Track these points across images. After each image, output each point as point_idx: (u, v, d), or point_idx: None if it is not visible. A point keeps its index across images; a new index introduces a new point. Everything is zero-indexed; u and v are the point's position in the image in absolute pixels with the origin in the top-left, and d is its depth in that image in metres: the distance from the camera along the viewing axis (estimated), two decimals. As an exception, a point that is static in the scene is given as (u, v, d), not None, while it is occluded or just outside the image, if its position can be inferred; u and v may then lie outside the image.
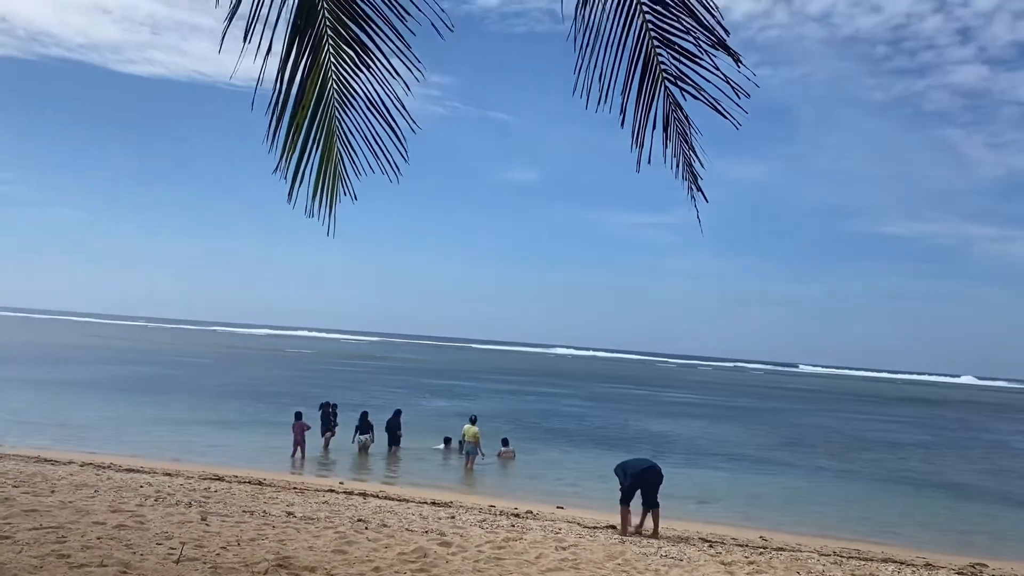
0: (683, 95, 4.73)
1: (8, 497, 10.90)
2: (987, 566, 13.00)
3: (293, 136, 4.51)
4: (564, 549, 10.65)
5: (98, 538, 8.75)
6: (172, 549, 8.48)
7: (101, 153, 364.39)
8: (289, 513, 11.77)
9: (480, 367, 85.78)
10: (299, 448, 21.54)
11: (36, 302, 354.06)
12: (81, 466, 15.70)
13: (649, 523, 13.31)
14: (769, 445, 31.65)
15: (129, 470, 15.83)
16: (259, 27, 4.19)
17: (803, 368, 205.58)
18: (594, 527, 13.34)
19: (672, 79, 4.72)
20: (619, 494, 13.38)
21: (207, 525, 10.11)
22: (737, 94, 4.40)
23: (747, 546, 12.78)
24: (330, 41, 4.53)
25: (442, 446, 24.07)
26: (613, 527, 13.33)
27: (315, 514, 11.89)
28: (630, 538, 12.54)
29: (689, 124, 4.88)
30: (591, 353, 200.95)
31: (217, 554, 8.48)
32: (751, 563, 10.90)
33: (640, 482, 13.31)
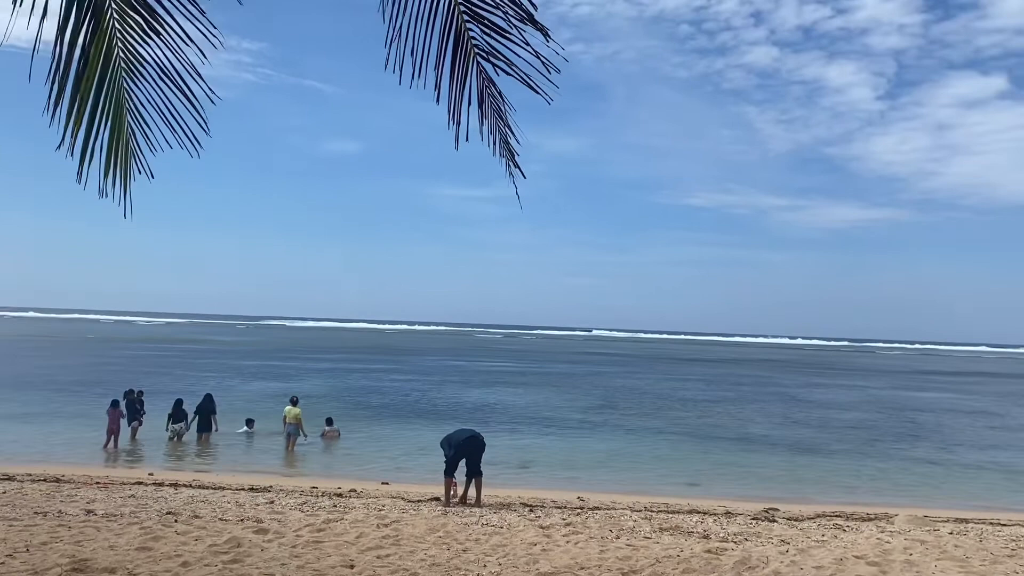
0: (495, 70, 4.72)
1: None
2: (778, 510, 14.23)
3: (78, 109, 4.10)
4: (386, 526, 10.60)
5: None
6: (-53, 562, 7.64)
7: None
8: (89, 511, 10.93)
9: (301, 346, 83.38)
10: (112, 437, 20.32)
11: None
12: None
13: (473, 492, 13.53)
14: (584, 408, 33.02)
15: None
16: None
17: (616, 333, 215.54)
18: (418, 501, 13.38)
19: (484, 54, 4.69)
20: (444, 466, 13.52)
21: (-9, 532, 9.19)
22: (548, 69, 4.45)
23: (565, 507, 13.28)
24: (114, 5, 4.13)
25: (245, 428, 23.13)
26: (437, 499, 13.43)
27: (119, 510, 11.12)
28: (453, 509, 12.68)
29: (503, 100, 4.89)
30: (417, 328, 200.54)
31: (1, 563, 7.72)
32: (568, 524, 11.33)
33: (464, 451, 13.48)
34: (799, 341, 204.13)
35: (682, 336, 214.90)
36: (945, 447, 25.62)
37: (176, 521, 10.40)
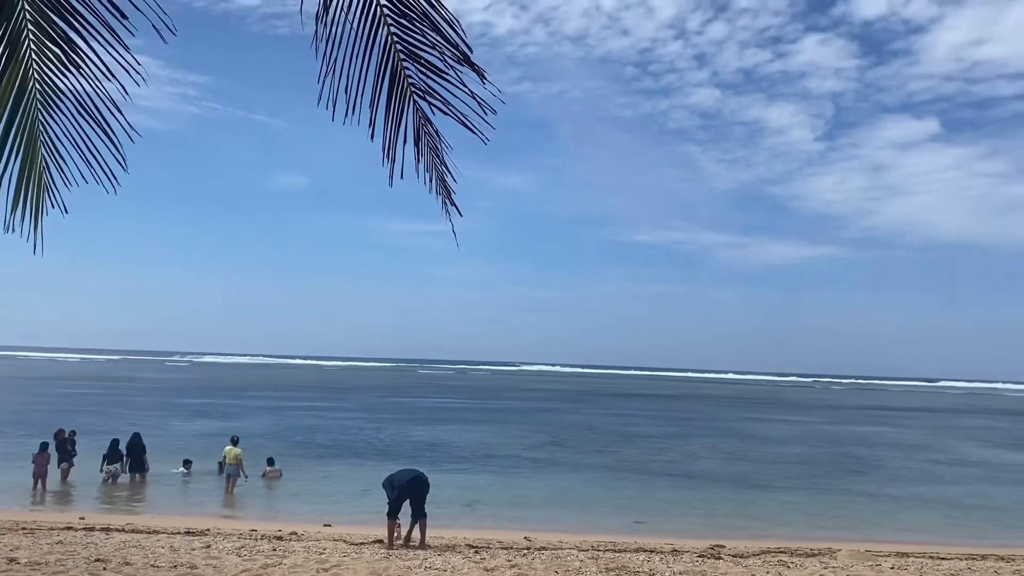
0: (432, 109, 4.72)
1: None
2: (724, 547, 14.27)
3: None
4: (326, 571, 10.33)
5: None
6: None
7: None
8: (11, 560, 10.43)
9: (240, 383, 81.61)
10: (40, 481, 19.59)
11: None
12: None
13: (417, 533, 13.28)
14: (531, 445, 32.87)
15: None
16: None
17: (563, 368, 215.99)
18: (361, 543, 13.07)
19: (420, 93, 4.69)
20: (387, 507, 13.25)
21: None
22: (484, 110, 4.46)
23: (511, 548, 13.11)
24: (31, 36, 4.03)
25: (182, 469, 22.48)
26: (381, 541, 13.15)
27: (44, 558, 10.63)
28: (396, 551, 12.42)
29: (440, 139, 4.87)
30: (359, 364, 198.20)
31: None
32: (513, 566, 11.18)
33: (407, 493, 13.24)
34: (746, 377, 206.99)
35: (630, 371, 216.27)
36: (885, 481, 26.10)
37: (104, 569, 9.99)
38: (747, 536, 16.42)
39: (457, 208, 5.10)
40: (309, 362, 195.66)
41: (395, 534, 13.16)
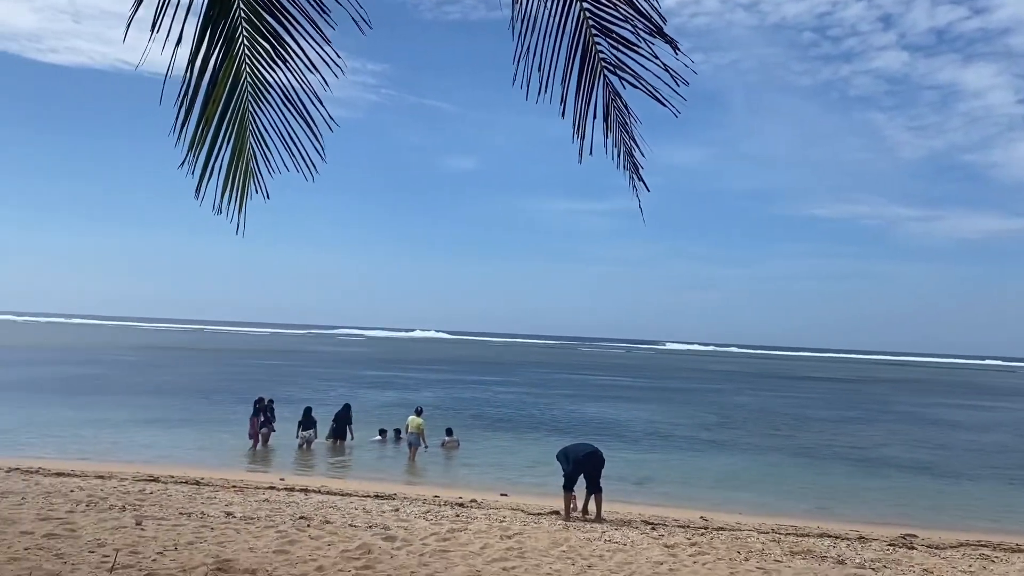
0: (622, 84, 4.72)
1: (-74, 509, 10.39)
2: (916, 536, 13.48)
3: (202, 130, 4.33)
4: (509, 538, 10.67)
5: (26, 549, 8.40)
6: (105, 557, 8.19)
7: (24, 147, 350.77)
8: (228, 514, 11.50)
9: (413, 357, 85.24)
10: (255, 442, 21.80)
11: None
12: (7, 472, 15.05)
13: (592, 506, 13.46)
14: (700, 425, 32.28)
15: (59, 474, 15.23)
16: (168, 16, 4.00)
17: (732, 348, 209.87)
18: (538, 514, 13.40)
19: (611, 68, 4.69)
20: (562, 480, 13.51)
21: (142, 530, 9.81)
22: (676, 82, 4.42)
23: (688, 527, 13.01)
24: (244, 32, 4.35)
25: (378, 438, 23.88)
26: (557, 513, 13.42)
27: (255, 513, 11.65)
28: (574, 523, 12.64)
29: (629, 113, 4.87)
30: (522, 341, 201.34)
31: (153, 560, 8.23)
32: (693, 544, 11.09)
33: (583, 467, 13.44)
34: (935, 360, 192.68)
35: (803, 352, 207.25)
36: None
37: (309, 526, 10.80)
38: (941, 527, 15.40)
39: (645, 183, 5.10)
40: (474, 338, 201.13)
41: (571, 506, 13.39)
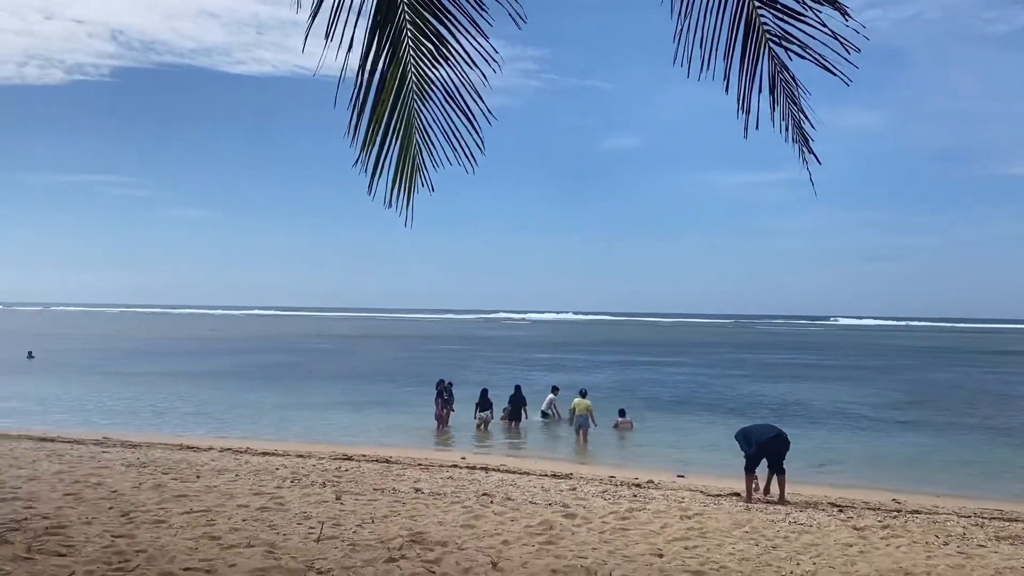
0: (788, 55, 4.63)
1: (160, 483, 11.72)
2: None
3: (373, 129, 4.61)
4: (689, 518, 10.65)
5: (243, 520, 9.31)
6: (312, 528, 8.95)
7: (217, 153, 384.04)
8: (417, 489, 12.20)
9: (581, 340, 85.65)
10: (440, 423, 22.97)
11: (161, 298, 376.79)
12: (221, 452, 16.67)
13: (775, 488, 13.15)
14: (887, 403, 30.50)
15: (264, 454, 16.70)
16: (340, 24, 4.32)
17: (920, 323, 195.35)
18: (718, 495, 13.25)
19: (776, 39, 4.62)
20: (742, 461, 13.26)
21: (342, 504, 10.61)
22: (846, 49, 4.28)
23: (879, 509, 12.44)
24: (409, 35, 4.62)
25: (539, 419, 24.39)
26: (737, 495, 13.22)
27: (441, 490, 12.28)
28: (756, 505, 12.41)
29: (797, 85, 4.77)
30: (693, 320, 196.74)
31: (354, 532, 8.90)
32: (885, 527, 10.62)
33: (767, 450, 13.13)
34: None
35: (1007, 324, 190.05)
36: None
37: (492, 502, 11.27)
38: None
39: (816, 155, 4.96)
40: (640, 319, 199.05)
41: (753, 487, 13.14)
